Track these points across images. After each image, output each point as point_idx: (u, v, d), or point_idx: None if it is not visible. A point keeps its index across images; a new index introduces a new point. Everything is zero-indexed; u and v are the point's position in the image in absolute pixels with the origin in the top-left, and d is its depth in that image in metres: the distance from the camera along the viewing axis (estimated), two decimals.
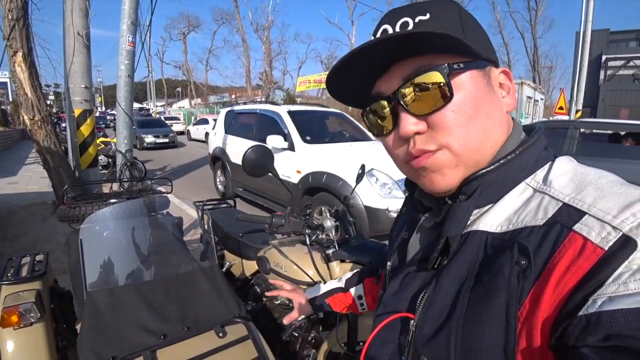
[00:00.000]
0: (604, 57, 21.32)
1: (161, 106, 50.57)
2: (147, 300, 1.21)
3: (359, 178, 1.72)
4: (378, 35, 0.46)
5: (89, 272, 1.24)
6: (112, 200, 2.06)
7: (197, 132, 17.01)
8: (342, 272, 1.46)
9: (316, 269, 1.48)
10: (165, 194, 2.28)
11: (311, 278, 1.49)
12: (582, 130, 5.09)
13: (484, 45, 0.45)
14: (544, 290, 0.35)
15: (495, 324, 0.37)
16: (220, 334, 1.15)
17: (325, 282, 1.47)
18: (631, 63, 21.12)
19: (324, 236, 1.55)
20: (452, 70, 0.42)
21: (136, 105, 56.35)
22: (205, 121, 16.76)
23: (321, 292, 0.96)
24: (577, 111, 11.22)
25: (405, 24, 0.44)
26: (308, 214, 1.54)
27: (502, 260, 0.38)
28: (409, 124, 0.44)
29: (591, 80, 17.61)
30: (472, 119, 0.43)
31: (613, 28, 22.58)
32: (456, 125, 0.43)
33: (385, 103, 0.47)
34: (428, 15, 0.43)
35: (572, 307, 0.33)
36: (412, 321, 0.46)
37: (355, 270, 0.96)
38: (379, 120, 0.49)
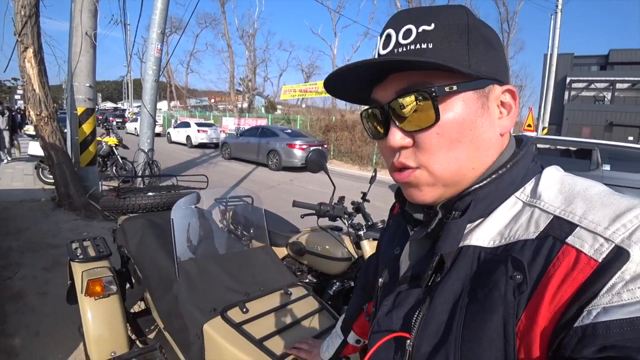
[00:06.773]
0: (568, 79, 22.90)
1: (137, 107, 49.19)
2: (225, 268, 1.48)
3: (372, 180, 2.06)
4: (383, 37, 0.45)
5: (178, 246, 1.49)
6: (150, 194, 2.29)
7: (177, 135, 17.02)
8: (371, 248, 1.79)
9: (348, 247, 1.86)
10: (195, 190, 2.54)
11: (348, 251, 1.87)
12: (538, 145, 5.81)
13: (490, 62, 0.43)
14: (541, 303, 0.35)
15: (493, 341, 0.37)
16: (288, 292, 1.44)
17: (356, 257, 1.82)
18: (592, 86, 22.83)
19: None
20: (442, 93, 0.41)
21: (110, 104, 54.15)
22: (186, 124, 16.77)
23: (333, 353, 0.91)
24: (543, 128, 12.12)
25: (409, 32, 0.43)
26: (344, 203, 1.89)
27: (497, 275, 0.38)
28: (396, 137, 0.45)
29: (556, 100, 18.92)
30: (455, 143, 0.43)
31: (577, 53, 24.37)
32: (438, 148, 0.43)
33: (379, 111, 0.48)
34: (432, 26, 0.42)
35: (567, 319, 0.33)
36: (408, 341, 0.45)
37: (342, 317, 0.94)
38: (374, 125, 0.50)
